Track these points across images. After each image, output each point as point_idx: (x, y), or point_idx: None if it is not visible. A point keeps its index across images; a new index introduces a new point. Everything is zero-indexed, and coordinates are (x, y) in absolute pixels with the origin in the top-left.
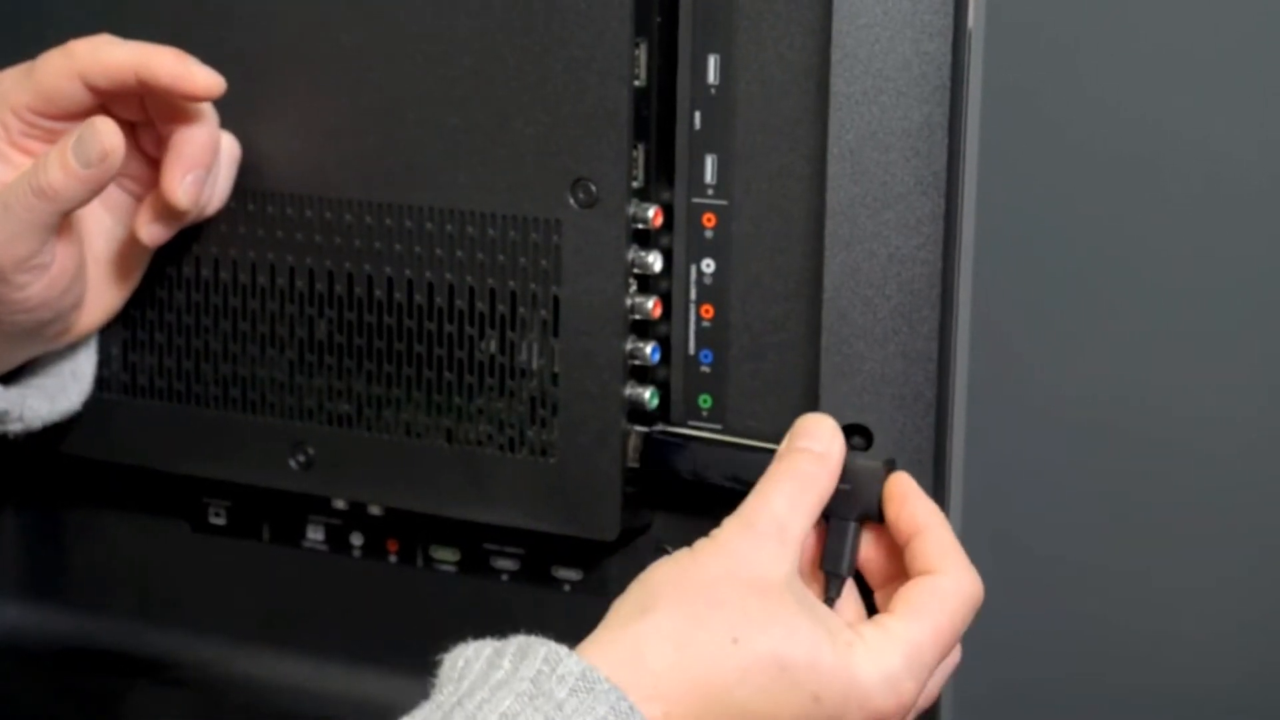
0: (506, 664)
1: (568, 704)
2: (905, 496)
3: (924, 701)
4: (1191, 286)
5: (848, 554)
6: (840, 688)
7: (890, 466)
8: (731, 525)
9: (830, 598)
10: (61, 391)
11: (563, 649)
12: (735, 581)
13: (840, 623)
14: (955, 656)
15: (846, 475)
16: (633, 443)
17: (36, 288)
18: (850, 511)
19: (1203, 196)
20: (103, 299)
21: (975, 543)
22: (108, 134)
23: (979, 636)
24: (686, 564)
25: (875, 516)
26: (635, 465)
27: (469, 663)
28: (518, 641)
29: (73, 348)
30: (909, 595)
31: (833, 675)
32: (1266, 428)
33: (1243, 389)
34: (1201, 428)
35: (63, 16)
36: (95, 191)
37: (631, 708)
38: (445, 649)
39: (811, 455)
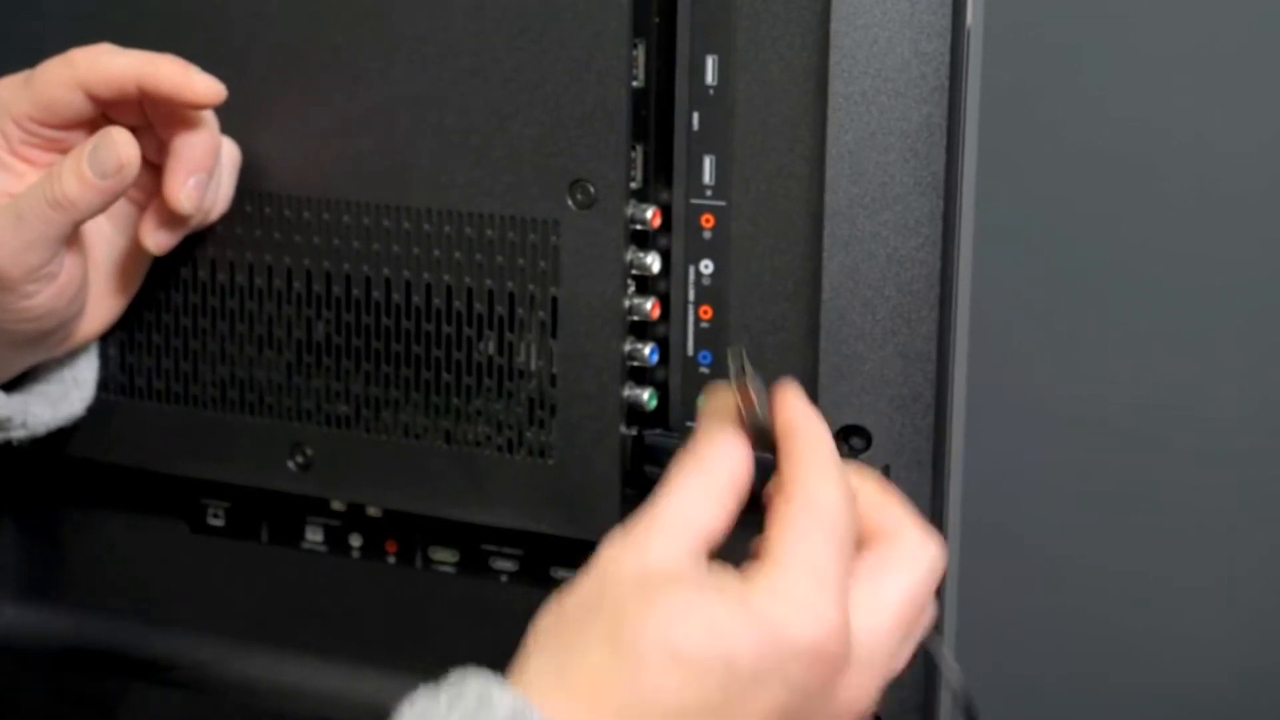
0: (444, 705)
1: None
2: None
3: (924, 624)
4: (1189, 286)
5: None
6: (751, 639)
7: (885, 474)
8: (611, 536)
9: None
10: (64, 398)
11: (495, 683)
12: (609, 589)
13: (730, 578)
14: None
15: None
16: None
17: (43, 297)
18: None
19: (1201, 196)
20: (103, 307)
21: (974, 542)
22: (124, 144)
23: (978, 634)
24: (565, 593)
25: None
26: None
27: (412, 703)
28: (454, 678)
29: (74, 354)
30: (778, 511)
31: (735, 632)
32: (1263, 427)
33: (1240, 388)
34: (1199, 427)
35: (60, 22)
36: (111, 201)
37: None
38: (445, 649)
39: (695, 457)
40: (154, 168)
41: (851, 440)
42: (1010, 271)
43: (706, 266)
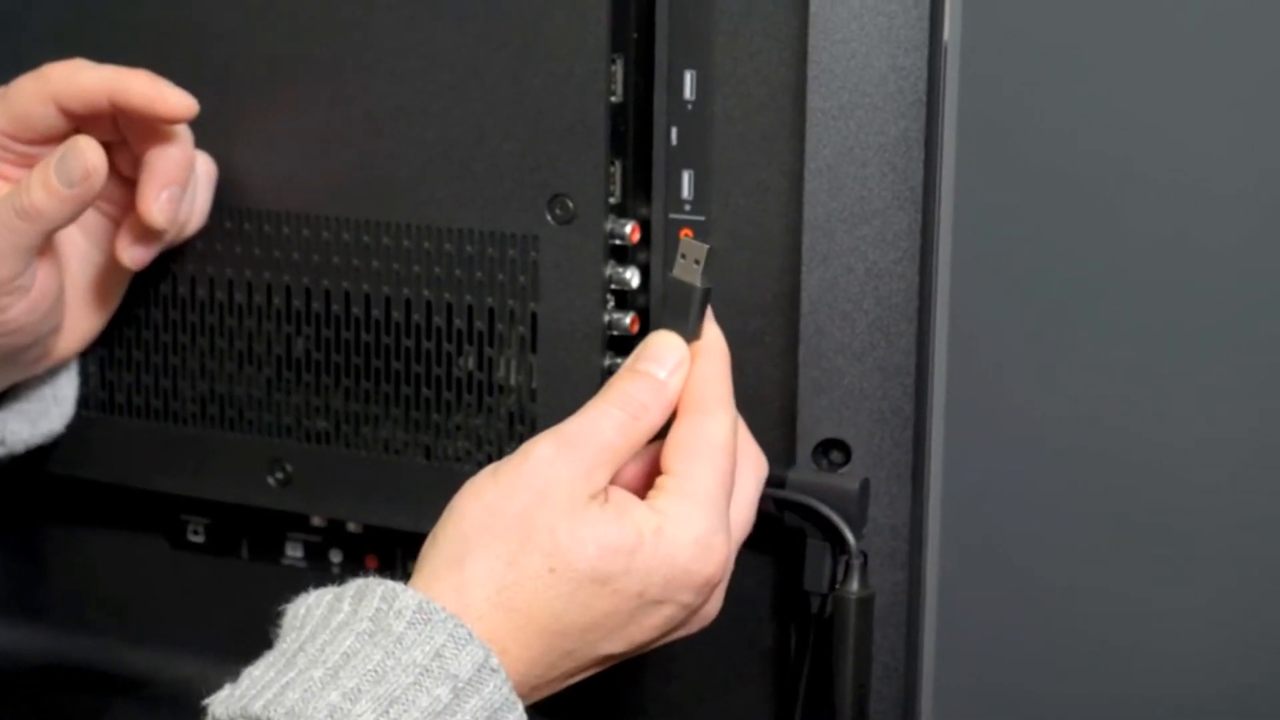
0: (346, 606)
1: (406, 636)
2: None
3: (740, 533)
4: (1171, 299)
5: (828, 572)
6: (660, 577)
7: (865, 487)
8: (548, 446)
9: (815, 615)
10: (43, 415)
11: (399, 585)
12: (545, 508)
13: (648, 514)
14: (761, 467)
15: (822, 495)
16: None
17: (16, 311)
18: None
19: (1181, 209)
20: (81, 324)
21: (953, 557)
22: (90, 153)
23: (958, 648)
24: (493, 499)
25: (854, 534)
26: None
27: (310, 610)
28: (356, 584)
29: (53, 371)
30: (680, 442)
31: (649, 570)
32: (1242, 442)
33: (1219, 405)
34: (1177, 441)
35: (38, 39)
36: (79, 211)
37: (470, 634)
38: None
39: (651, 383)
40: (129, 182)
41: (831, 454)
42: (989, 285)
43: None
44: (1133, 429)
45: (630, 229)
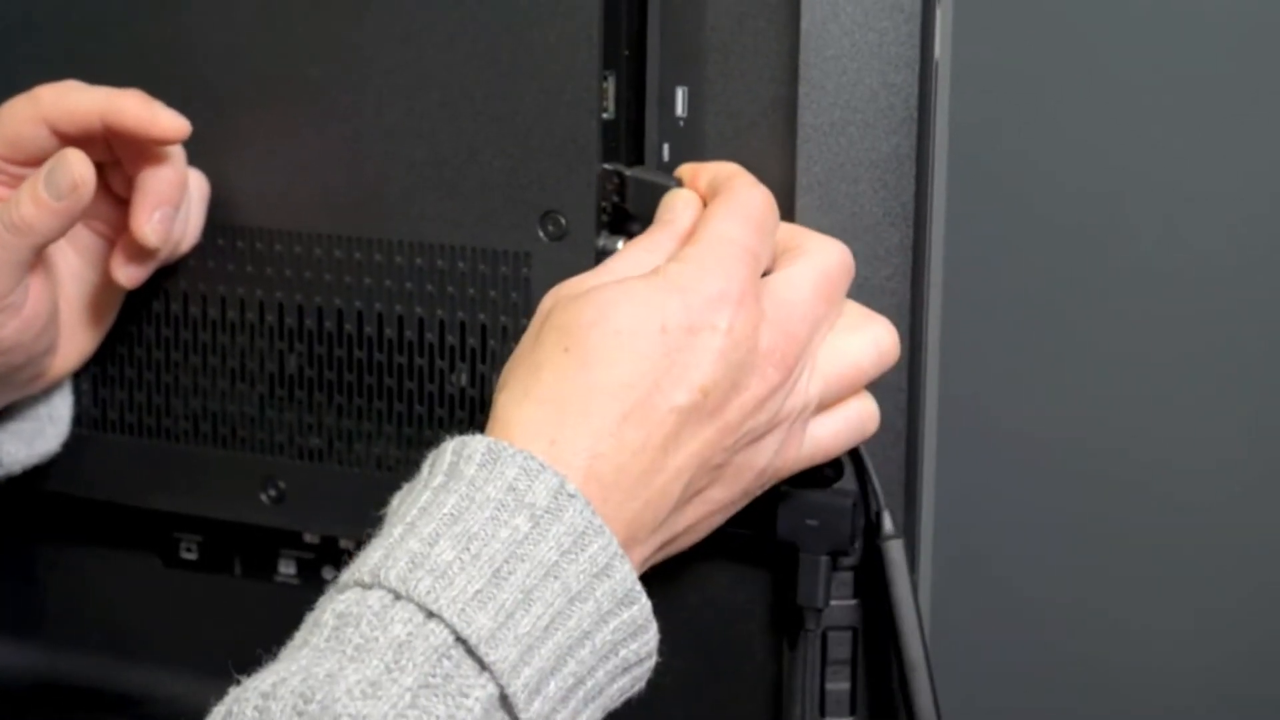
0: (425, 470)
1: (478, 477)
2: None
3: (791, 292)
4: (1164, 317)
5: (821, 587)
6: (676, 302)
7: (857, 501)
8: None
9: (809, 630)
10: (39, 435)
11: (471, 435)
12: (556, 313)
13: (654, 264)
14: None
15: (815, 511)
16: None
17: (9, 329)
18: (820, 546)
19: (1170, 224)
20: (75, 343)
21: (946, 573)
22: (78, 165)
23: (950, 664)
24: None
25: (846, 549)
26: None
27: (401, 490)
28: (438, 448)
29: (48, 391)
30: (709, 210)
31: (660, 299)
32: (1230, 458)
33: (1207, 422)
34: (1169, 457)
35: (29, 60)
36: (68, 224)
37: (542, 465)
38: None
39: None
40: (122, 202)
41: (824, 470)
42: (980, 301)
43: None
44: (1125, 445)
45: (622, 245)
